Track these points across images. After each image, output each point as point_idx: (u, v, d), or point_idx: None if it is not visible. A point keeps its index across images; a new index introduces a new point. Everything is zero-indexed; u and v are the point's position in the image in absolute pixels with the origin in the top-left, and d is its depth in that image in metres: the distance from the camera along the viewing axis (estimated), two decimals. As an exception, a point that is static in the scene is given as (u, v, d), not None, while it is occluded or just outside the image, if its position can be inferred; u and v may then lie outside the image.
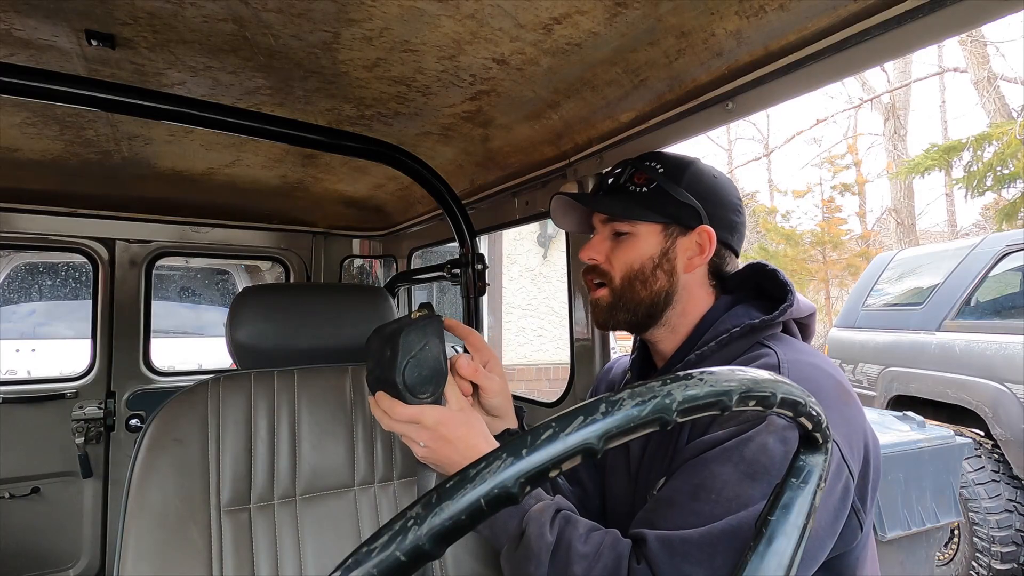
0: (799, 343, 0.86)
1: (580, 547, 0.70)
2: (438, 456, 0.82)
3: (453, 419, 0.81)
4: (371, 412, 0.98)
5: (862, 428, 0.74)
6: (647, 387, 0.34)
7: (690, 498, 0.68)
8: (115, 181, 1.81)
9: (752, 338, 0.83)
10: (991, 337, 3.38)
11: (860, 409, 0.76)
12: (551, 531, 0.73)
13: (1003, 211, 7.68)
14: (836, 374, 0.78)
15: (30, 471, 2.05)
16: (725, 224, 0.89)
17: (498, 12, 0.86)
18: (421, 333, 0.81)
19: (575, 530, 0.73)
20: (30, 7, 0.86)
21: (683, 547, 0.65)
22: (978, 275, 3.69)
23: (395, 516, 0.29)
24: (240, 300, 1.18)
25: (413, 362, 0.80)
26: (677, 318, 0.91)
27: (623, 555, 0.69)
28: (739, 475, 0.65)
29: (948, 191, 13.03)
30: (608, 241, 0.93)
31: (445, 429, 0.80)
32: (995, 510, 3.12)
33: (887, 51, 0.76)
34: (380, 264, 2.70)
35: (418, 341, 0.81)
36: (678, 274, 0.89)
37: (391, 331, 0.82)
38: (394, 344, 0.81)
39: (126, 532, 0.97)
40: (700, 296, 0.91)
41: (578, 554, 0.70)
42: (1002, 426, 3.16)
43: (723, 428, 0.71)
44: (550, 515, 0.75)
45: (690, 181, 0.89)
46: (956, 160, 7.80)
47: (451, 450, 0.80)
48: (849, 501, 0.70)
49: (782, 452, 0.65)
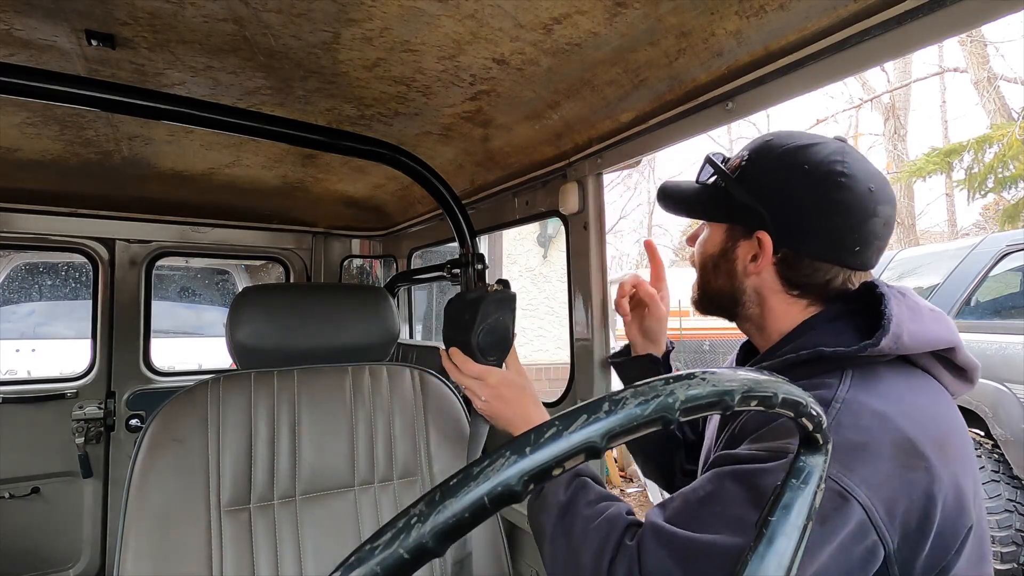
0: (893, 385, 0.71)
1: (584, 510, 0.78)
2: (494, 410, 0.96)
3: (513, 382, 0.96)
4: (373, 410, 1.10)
5: (922, 494, 0.63)
6: (650, 386, 0.34)
7: (699, 503, 0.70)
8: (115, 181, 1.81)
9: (825, 366, 0.72)
10: (991, 337, 3.38)
11: (933, 475, 0.64)
12: (565, 492, 0.82)
13: (1006, 212, 7.69)
14: (909, 430, 0.65)
15: (30, 471, 2.05)
16: (799, 230, 0.77)
17: (498, 12, 0.87)
18: (497, 305, 0.96)
19: (585, 495, 0.81)
20: (30, 7, 0.86)
21: (669, 542, 0.68)
22: (978, 275, 3.69)
23: (399, 513, 0.29)
24: (240, 300, 1.18)
25: (487, 328, 0.95)
26: (759, 319, 0.85)
27: (617, 527, 0.74)
28: (747, 500, 0.65)
29: (948, 191, 13.03)
30: (700, 229, 0.92)
31: (505, 389, 0.94)
32: (995, 510, 3.12)
33: (887, 51, 0.76)
34: (380, 264, 2.70)
35: (494, 311, 0.96)
36: (739, 277, 0.84)
37: (473, 299, 0.96)
38: (474, 310, 0.95)
39: (126, 532, 0.97)
40: (779, 304, 0.82)
41: (581, 516, 0.78)
42: (1002, 426, 3.16)
43: (752, 447, 0.70)
44: (568, 477, 0.83)
45: (759, 180, 0.80)
46: (957, 162, 7.81)
47: (505, 407, 0.94)
48: (873, 567, 0.63)
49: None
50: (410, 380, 1.30)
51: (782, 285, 0.81)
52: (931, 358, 0.75)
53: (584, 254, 1.31)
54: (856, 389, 0.68)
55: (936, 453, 0.65)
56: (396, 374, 1.29)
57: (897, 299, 0.72)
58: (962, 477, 0.67)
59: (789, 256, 0.78)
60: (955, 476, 0.66)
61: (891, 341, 0.68)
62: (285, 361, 1.20)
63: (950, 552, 0.66)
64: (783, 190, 0.78)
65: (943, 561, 0.66)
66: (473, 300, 0.96)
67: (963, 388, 0.78)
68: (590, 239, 1.29)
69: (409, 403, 1.27)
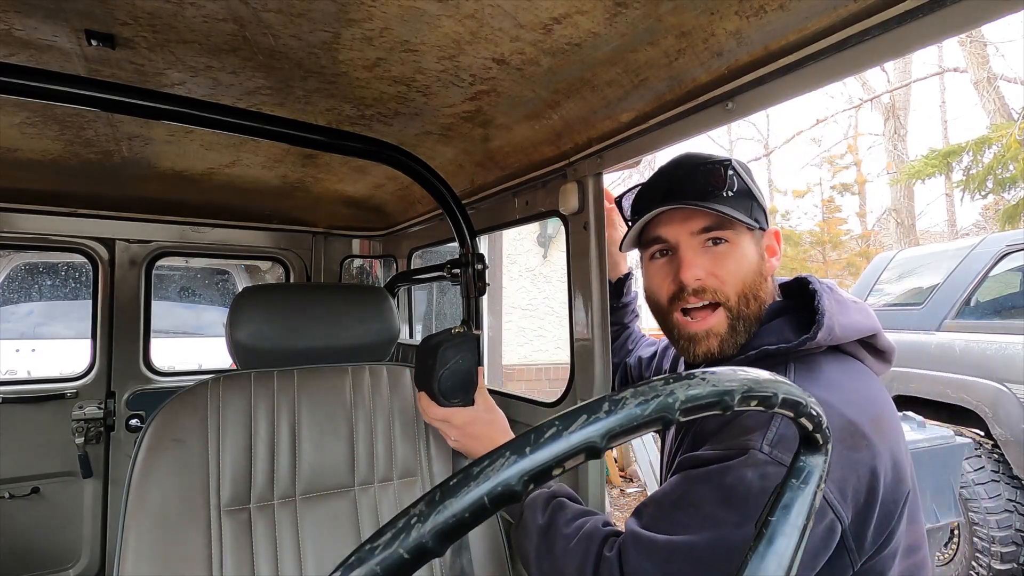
0: (831, 373, 0.77)
1: (563, 529, 0.82)
2: (466, 447, 1.02)
3: (478, 419, 1.01)
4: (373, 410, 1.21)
5: (868, 470, 0.69)
6: (650, 386, 0.34)
7: (672, 507, 0.74)
8: (115, 181, 1.81)
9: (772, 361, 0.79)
10: (991, 337, 3.38)
11: (874, 451, 0.70)
12: (543, 515, 0.85)
13: (1005, 213, 7.69)
14: (851, 414, 0.71)
15: (30, 471, 2.04)
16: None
17: (498, 12, 0.86)
18: (456, 349, 1.01)
19: (563, 515, 0.84)
20: (30, 7, 0.86)
21: (649, 547, 0.71)
22: (978, 275, 3.69)
23: (399, 513, 0.29)
24: (240, 300, 1.18)
25: (448, 373, 1.00)
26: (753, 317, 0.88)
27: (595, 541, 0.77)
28: (716, 499, 0.69)
29: (948, 192, 13.03)
30: (704, 255, 0.83)
31: (472, 428, 1.00)
32: (995, 510, 3.12)
33: (887, 51, 0.75)
34: (380, 264, 2.70)
35: (453, 355, 1.00)
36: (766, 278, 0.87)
37: (434, 344, 1.02)
38: (434, 356, 1.01)
39: (126, 532, 0.97)
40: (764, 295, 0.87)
41: (561, 535, 0.81)
42: (1002, 426, 3.16)
43: (713, 449, 0.75)
44: (543, 499, 0.87)
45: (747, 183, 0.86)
46: (956, 163, 7.81)
47: (476, 443, 1.00)
48: (833, 543, 0.69)
49: (759, 487, 0.67)
50: (410, 380, 1.30)
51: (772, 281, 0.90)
52: (856, 344, 0.82)
53: (584, 254, 1.31)
54: (801, 380, 0.75)
55: (875, 432, 0.71)
56: (396, 374, 1.29)
57: (828, 294, 0.80)
58: (897, 449, 0.74)
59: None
60: (891, 449, 0.73)
61: (826, 333, 0.76)
62: (285, 361, 1.20)
63: (893, 518, 0.73)
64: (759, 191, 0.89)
65: (888, 527, 0.72)
66: (433, 347, 1.01)
67: (883, 368, 0.86)
68: (590, 239, 1.29)
69: (409, 403, 1.27)
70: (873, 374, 0.83)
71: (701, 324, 0.82)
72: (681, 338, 0.85)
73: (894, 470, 0.72)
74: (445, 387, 1.00)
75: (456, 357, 1.00)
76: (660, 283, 0.86)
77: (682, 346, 0.85)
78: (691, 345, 0.83)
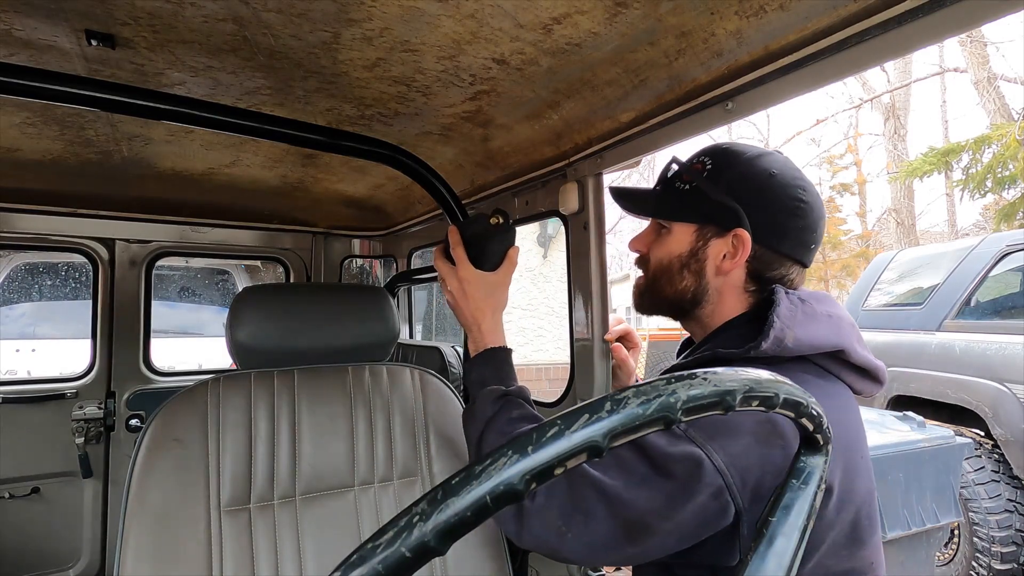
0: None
1: (504, 427, 0.87)
2: (455, 302, 1.01)
3: (480, 281, 0.99)
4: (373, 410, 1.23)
5: (775, 471, 0.69)
6: (652, 386, 0.34)
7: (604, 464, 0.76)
8: (115, 181, 1.81)
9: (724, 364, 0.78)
10: (991, 337, 3.38)
11: (789, 457, 0.68)
12: (492, 406, 0.90)
13: (1002, 212, 7.70)
14: (775, 415, 0.71)
15: (30, 471, 2.05)
16: (771, 228, 0.83)
17: (498, 12, 0.87)
18: (504, 237, 1.02)
19: (508, 412, 0.88)
20: (30, 7, 0.86)
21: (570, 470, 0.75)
22: (978, 275, 3.70)
23: (400, 512, 0.29)
24: (240, 300, 1.18)
25: (486, 253, 1.01)
26: (707, 317, 0.90)
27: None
28: (635, 456, 0.73)
29: (948, 191, 13.04)
30: (653, 233, 0.95)
31: (471, 287, 0.99)
32: (995, 510, 3.12)
33: (887, 51, 0.76)
34: (380, 264, 2.70)
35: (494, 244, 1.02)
36: (708, 276, 0.87)
37: (479, 231, 1.02)
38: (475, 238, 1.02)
39: (126, 532, 0.97)
40: (732, 300, 0.88)
41: (495, 431, 0.87)
42: (1002, 426, 3.16)
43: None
44: (498, 394, 0.91)
45: (733, 181, 0.85)
46: (955, 163, 7.81)
47: (465, 304, 1.00)
48: (724, 523, 0.69)
49: (664, 452, 0.70)
50: (410, 380, 1.30)
51: (746, 281, 0.87)
52: (832, 360, 0.81)
53: (584, 254, 1.31)
54: None
55: (789, 436, 0.71)
56: (396, 374, 1.29)
57: (795, 306, 0.79)
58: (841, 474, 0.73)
59: (764, 253, 0.84)
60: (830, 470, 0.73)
61: (773, 344, 0.76)
62: (285, 361, 1.20)
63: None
64: (761, 191, 0.83)
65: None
66: (478, 233, 1.02)
67: (872, 387, 0.85)
68: (590, 239, 1.29)
69: (409, 403, 1.27)
70: (846, 393, 0.82)
71: (636, 280, 0.98)
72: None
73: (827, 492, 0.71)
74: (474, 254, 1.01)
75: (494, 245, 1.02)
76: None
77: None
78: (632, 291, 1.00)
